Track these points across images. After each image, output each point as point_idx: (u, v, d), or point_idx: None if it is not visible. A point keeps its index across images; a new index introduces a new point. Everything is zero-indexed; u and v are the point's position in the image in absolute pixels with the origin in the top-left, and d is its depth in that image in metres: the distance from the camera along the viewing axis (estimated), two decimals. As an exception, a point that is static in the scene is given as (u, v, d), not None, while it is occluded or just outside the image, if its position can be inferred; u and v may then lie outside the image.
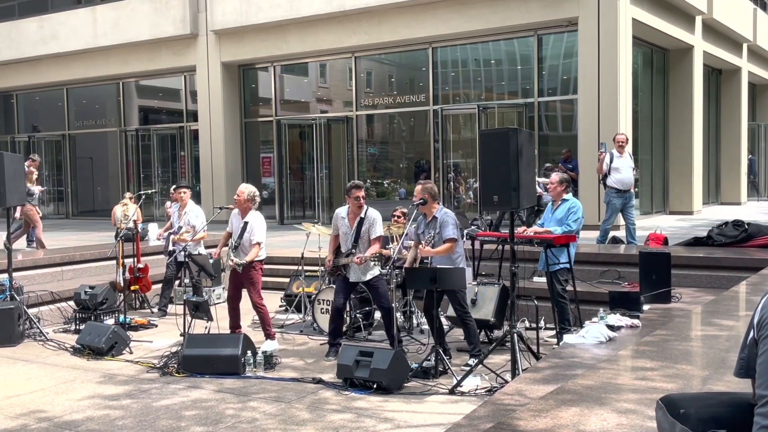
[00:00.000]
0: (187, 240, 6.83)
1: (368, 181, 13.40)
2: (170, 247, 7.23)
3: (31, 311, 6.46)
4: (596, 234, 8.99)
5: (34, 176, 10.29)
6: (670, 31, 11.92)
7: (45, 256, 7.99)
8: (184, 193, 7.13)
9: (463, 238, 5.58)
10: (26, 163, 10.44)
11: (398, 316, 5.90)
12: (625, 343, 4.26)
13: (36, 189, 10.00)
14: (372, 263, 5.36)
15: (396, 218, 6.70)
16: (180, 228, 7.04)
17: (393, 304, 5.28)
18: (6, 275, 6.30)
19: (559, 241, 5.38)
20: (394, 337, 5.23)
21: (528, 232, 5.59)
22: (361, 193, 5.41)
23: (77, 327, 6.50)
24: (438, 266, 5.03)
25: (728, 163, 15.74)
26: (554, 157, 11.44)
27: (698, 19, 12.99)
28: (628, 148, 8.80)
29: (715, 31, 13.85)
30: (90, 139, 16.55)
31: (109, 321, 6.48)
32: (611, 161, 8.14)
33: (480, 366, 4.61)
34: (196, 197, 12.78)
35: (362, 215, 5.43)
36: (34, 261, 7.73)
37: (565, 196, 5.67)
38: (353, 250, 5.41)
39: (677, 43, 12.57)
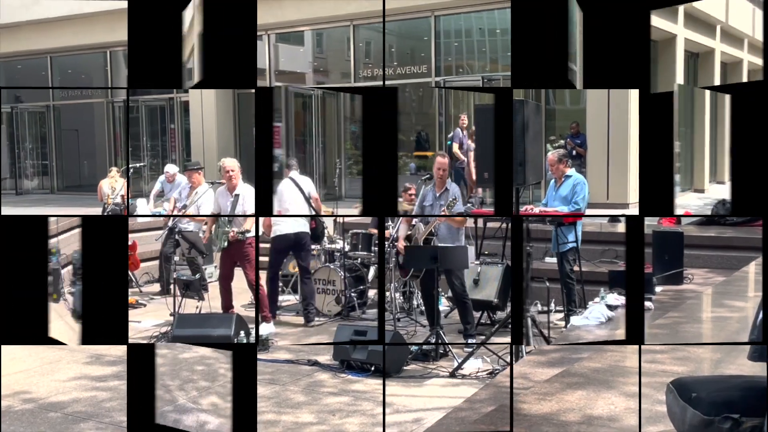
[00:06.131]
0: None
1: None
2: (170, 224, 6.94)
3: (16, 288, 6.28)
4: (603, 212, 8.73)
5: None
6: (657, 23, 11.57)
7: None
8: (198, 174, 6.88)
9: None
10: None
11: (397, 296, 5.77)
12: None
13: None
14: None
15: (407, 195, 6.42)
16: (185, 207, 6.80)
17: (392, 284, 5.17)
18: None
19: (568, 219, 5.20)
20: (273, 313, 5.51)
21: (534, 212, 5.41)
22: None
23: (64, 305, 6.34)
24: (440, 245, 4.92)
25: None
26: (561, 132, 11.16)
27: (681, 7, 12.61)
28: None
29: (692, 17, 13.56)
30: (75, 110, 16.13)
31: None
32: None
33: (482, 348, 4.48)
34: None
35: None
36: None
37: (567, 172, 5.45)
38: None
39: (662, 34, 12.25)
